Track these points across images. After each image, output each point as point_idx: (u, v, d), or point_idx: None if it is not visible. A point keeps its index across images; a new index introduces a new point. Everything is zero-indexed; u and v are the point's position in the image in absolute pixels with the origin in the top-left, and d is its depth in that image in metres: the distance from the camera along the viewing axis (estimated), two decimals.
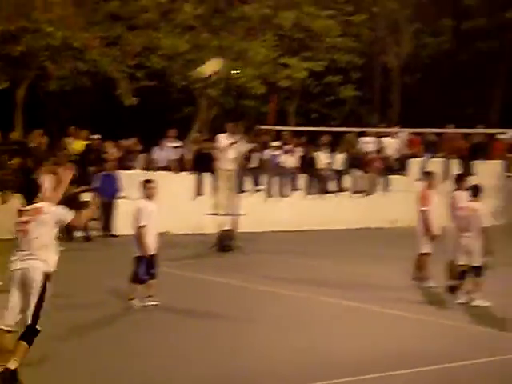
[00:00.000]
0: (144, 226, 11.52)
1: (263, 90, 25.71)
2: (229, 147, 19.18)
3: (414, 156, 26.13)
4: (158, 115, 27.62)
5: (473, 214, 12.45)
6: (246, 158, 22.14)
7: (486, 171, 25.87)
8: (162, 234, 12.35)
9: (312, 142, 25.51)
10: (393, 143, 26.23)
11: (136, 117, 26.08)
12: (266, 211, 22.43)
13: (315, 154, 24.31)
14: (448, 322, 11.43)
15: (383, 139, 26.20)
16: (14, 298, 7.78)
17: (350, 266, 16.65)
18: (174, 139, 22.72)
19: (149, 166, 21.78)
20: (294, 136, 25.08)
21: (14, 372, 7.49)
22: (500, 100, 33.27)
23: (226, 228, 18.59)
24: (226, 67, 24.33)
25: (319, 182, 24.01)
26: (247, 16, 24.43)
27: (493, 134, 27.73)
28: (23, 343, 7.59)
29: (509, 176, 26.88)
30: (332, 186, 24.31)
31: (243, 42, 24.51)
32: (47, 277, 7.79)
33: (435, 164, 25.59)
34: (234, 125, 19.79)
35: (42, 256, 7.83)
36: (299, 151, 24.34)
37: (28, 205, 8.08)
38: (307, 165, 23.99)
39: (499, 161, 27.31)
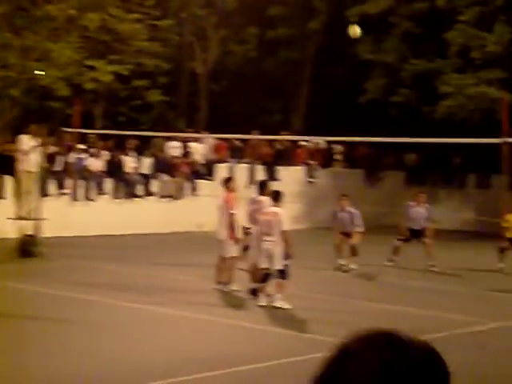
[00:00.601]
0: None
1: (68, 92, 25.17)
2: (32, 149, 18.65)
3: (221, 161, 26.50)
4: None
5: (274, 218, 12.73)
6: (51, 160, 21.59)
7: (290, 177, 26.69)
8: None
9: (119, 145, 25.27)
10: (200, 148, 26.48)
11: None
12: (71, 215, 21.94)
13: (122, 157, 24.10)
14: (249, 324, 11.65)
15: (190, 144, 26.40)
16: None
17: (157, 270, 16.60)
18: None
19: None
20: (100, 139, 24.73)
21: None
22: (304, 108, 34.38)
23: (29, 233, 18.01)
24: (28, 67, 23.69)
25: (126, 186, 23.81)
26: (52, 16, 23.82)
27: (296, 141, 28.65)
28: None
29: (311, 182, 27.87)
30: (139, 190, 24.19)
31: (47, 42, 23.87)
32: None
33: (241, 169, 26.11)
34: (37, 126, 19.28)
35: None
36: (106, 155, 24.04)
37: None
38: (114, 168, 23.72)
39: (302, 167, 28.22)
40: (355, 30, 16.75)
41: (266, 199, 13.85)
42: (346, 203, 18.14)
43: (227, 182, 15.02)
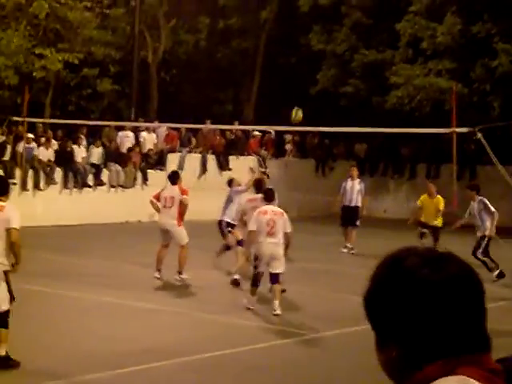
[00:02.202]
0: None
1: (17, 81, 24.82)
2: None
3: (172, 151, 26.40)
4: None
5: (278, 218, 11.88)
6: None
7: (241, 167, 26.69)
8: None
9: (69, 135, 25.01)
10: (151, 138, 26.34)
11: None
12: (19, 205, 21.60)
13: (72, 147, 23.86)
14: (196, 313, 11.66)
15: (141, 133, 26.26)
16: None
17: (107, 261, 16.50)
18: None
19: None
20: (50, 129, 24.44)
21: (6, 356, 8.55)
22: (255, 97, 34.39)
23: None
24: None
25: (76, 176, 23.59)
26: (0, 3, 23.48)
27: (248, 131, 28.67)
28: (3, 329, 8.61)
29: (263, 172, 27.86)
30: (90, 180, 23.99)
31: None
32: None
33: (192, 159, 26.04)
34: None
35: None
36: (55, 144, 23.78)
37: None
38: (64, 158, 23.48)
39: (253, 157, 28.25)
40: (299, 115, 16.97)
41: (260, 197, 13.37)
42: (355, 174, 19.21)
43: (177, 177, 14.86)
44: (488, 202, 15.35)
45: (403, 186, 29.65)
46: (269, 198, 12.48)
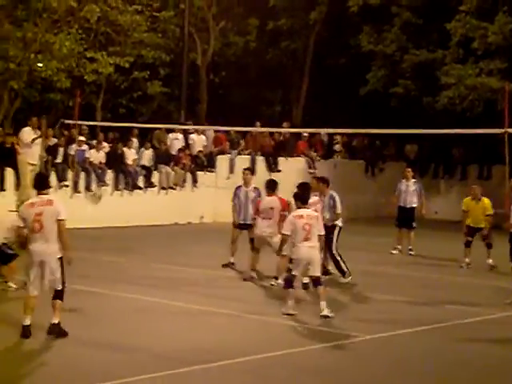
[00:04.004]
0: None
1: (68, 84, 25.15)
2: (33, 141, 18.69)
3: (221, 153, 26.49)
4: None
5: (314, 222, 11.78)
6: (52, 152, 21.60)
7: (290, 168, 26.70)
8: None
9: (120, 137, 25.26)
10: (200, 140, 26.46)
11: None
12: (72, 207, 21.89)
13: (123, 149, 24.09)
14: (252, 316, 11.68)
15: (191, 136, 26.39)
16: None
17: (157, 263, 16.62)
18: None
19: None
20: (101, 131, 24.71)
21: (58, 324, 9.87)
22: (304, 99, 34.35)
23: None
24: (28, 59, 23.67)
25: (127, 178, 23.81)
26: (52, 8, 23.77)
27: (297, 132, 28.63)
28: (59, 301, 9.96)
29: (311, 173, 27.78)
30: (140, 182, 24.18)
31: (48, 34, 23.83)
32: None
33: (242, 160, 26.10)
34: (37, 119, 19.30)
35: None
36: (106, 146, 24.03)
37: None
38: (115, 160, 23.71)
39: (302, 158, 28.20)
40: None
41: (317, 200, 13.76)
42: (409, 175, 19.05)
43: (275, 186, 14.77)
44: None
45: (454, 188, 29.33)
46: (304, 200, 12.11)
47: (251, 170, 18.81)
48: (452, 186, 29.67)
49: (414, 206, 19.11)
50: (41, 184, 10.36)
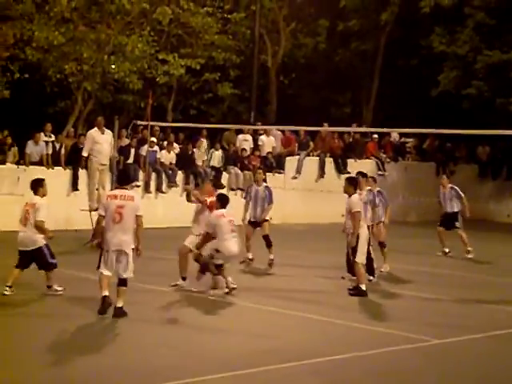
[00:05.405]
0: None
1: (140, 85, 25.49)
2: (104, 142, 19.00)
3: (290, 154, 26.50)
4: (32, 109, 26.93)
5: None
6: (123, 153, 21.90)
7: (359, 170, 26.49)
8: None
9: (190, 138, 25.48)
10: (269, 141, 26.52)
11: (9, 110, 25.33)
12: (143, 207, 22.15)
13: (193, 150, 24.29)
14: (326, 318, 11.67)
15: (260, 137, 26.47)
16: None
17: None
18: (49, 133, 22.26)
19: (21, 161, 21.32)
20: (171, 132, 24.98)
21: (121, 308, 10.84)
22: (374, 100, 34.13)
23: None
24: (102, 61, 24.07)
25: (197, 179, 23.99)
26: (125, 10, 24.13)
27: (367, 134, 28.48)
28: (123, 288, 10.91)
29: (381, 175, 27.61)
30: None
31: (121, 35, 24.19)
32: None
33: (310, 162, 26.06)
34: (102, 118, 19.69)
35: None
36: (177, 147, 24.27)
37: None
38: (185, 161, 23.93)
39: (372, 160, 28.02)
40: None
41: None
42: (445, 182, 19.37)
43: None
44: None
45: None
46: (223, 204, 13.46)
47: (263, 168, 19.18)
48: None
49: (456, 210, 19.20)
50: (123, 179, 11.55)
